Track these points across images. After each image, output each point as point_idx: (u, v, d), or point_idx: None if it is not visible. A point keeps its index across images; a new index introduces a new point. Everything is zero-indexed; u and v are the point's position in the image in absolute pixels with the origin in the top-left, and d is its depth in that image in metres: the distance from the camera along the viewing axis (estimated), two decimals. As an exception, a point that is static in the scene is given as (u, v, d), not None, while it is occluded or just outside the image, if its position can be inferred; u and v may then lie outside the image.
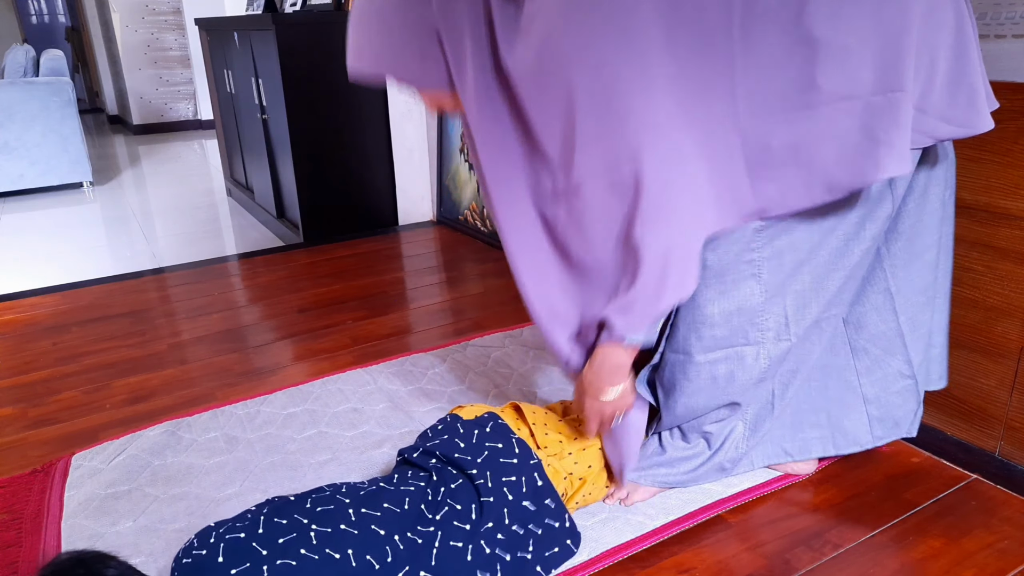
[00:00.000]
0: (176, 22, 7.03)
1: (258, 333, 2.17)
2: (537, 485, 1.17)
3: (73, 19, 9.21)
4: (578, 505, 1.29)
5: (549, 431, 1.29)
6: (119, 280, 2.69)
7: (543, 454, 1.24)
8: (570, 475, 1.26)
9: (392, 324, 2.20)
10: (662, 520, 1.28)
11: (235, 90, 3.63)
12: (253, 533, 1.01)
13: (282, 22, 2.83)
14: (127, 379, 1.91)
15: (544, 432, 1.29)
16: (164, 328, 2.23)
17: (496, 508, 1.12)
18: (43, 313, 2.38)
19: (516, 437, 1.22)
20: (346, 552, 1.01)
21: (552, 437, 1.28)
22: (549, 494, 1.18)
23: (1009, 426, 1.35)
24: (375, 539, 1.04)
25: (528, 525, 1.14)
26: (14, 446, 1.62)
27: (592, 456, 1.30)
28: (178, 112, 7.30)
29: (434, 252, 2.90)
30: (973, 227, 1.34)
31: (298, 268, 2.76)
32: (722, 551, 1.22)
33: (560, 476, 1.24)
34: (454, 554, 1.07)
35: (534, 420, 1.30)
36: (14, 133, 4.20)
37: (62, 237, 3.55)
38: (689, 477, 1.32)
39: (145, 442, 1.57)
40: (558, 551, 1.16)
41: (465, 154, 2.99)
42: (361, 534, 1.04)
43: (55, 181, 4.41)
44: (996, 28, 1.25)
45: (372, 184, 3.22)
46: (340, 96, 3.02)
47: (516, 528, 1.13)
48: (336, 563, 0.99)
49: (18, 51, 4.54)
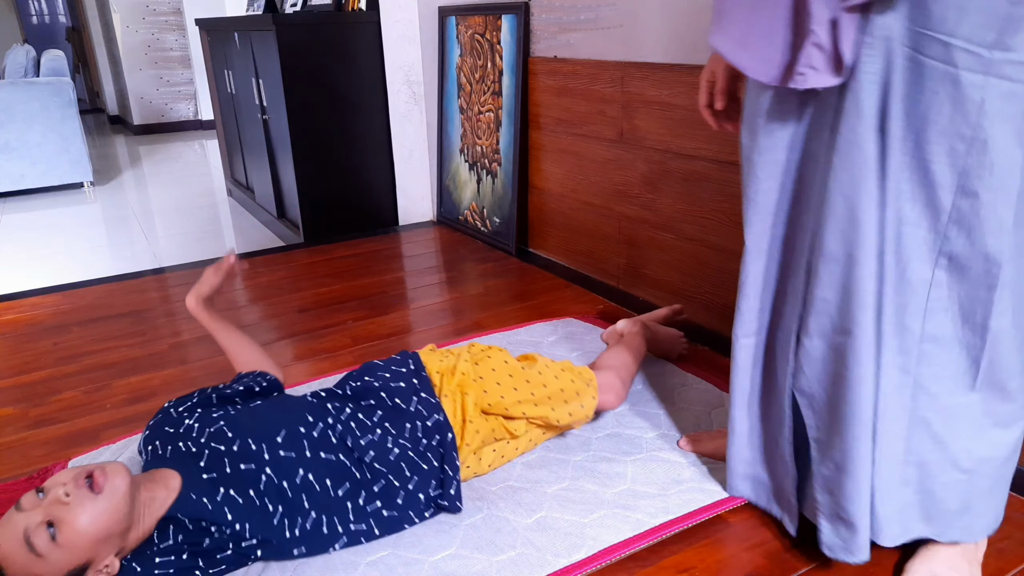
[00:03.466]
0: (176, 22, 7.03)
1: (259, 333, 2.17)
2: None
3: (74, 19, 9.21)
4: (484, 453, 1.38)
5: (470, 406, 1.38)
6: (120, 280, 2.69)
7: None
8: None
9: (392, 324, 2.20)
10: (662, 519, 1.28)
11: (235, 90, 3.63)
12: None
13: (282, 22, 2.84)
14: (128, 379, 1.91)
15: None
16: (165, 328, 2.23)
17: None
18: (44, 313, 2.39)
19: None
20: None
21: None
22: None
23: (1009, 426, 1.35)
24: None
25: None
26: (15, 446, 1.62)
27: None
28: (179, 112, 7.31)
29: (434, 252, 2.90)
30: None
31: (298, 268, 2.76)
32: (722, 551, 1.22)
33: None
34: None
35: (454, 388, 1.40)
36: (15, 133, 4.20)
37: (63, 237, 3.56)
38: None
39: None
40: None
41: (465, 154, 3.00)
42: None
43: (56, 181, 4.42)
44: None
45: (372, 184, 3.23)
46: (340, 96, 3.02)
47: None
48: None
49: (19, 51, 4.54)
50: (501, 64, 2.67)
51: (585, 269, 2.49)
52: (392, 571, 1.18)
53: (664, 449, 1.48)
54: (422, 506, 1.27)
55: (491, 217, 2.88)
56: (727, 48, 1.03)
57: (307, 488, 1.19)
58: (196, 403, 1.35)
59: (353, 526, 1.21)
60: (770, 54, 0.98)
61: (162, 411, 1.34)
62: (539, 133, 2.59)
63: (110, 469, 1.08)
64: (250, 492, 1.15)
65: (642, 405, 1.65)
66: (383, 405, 1.33)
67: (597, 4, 2.19)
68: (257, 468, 1.17)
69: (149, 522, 1.12)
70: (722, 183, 1.89)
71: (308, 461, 1.21)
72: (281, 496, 1.17)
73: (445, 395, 1.38)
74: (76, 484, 1.05)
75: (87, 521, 1.02)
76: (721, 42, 1.03)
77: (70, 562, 1.02)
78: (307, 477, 1.19)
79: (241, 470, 1.17)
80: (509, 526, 1.27)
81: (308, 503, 1.18)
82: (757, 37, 0.99)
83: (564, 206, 2.54)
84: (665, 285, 2.15)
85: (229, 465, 1.17)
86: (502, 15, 2.61)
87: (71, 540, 1.01)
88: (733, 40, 1.02)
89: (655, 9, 1.99)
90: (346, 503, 1.21)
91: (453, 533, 1.26)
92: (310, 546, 1.19)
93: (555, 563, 1.18)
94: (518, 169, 2.67)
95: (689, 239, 2.03)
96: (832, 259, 1.03)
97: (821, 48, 0.94)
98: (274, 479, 1.17)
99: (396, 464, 1.26)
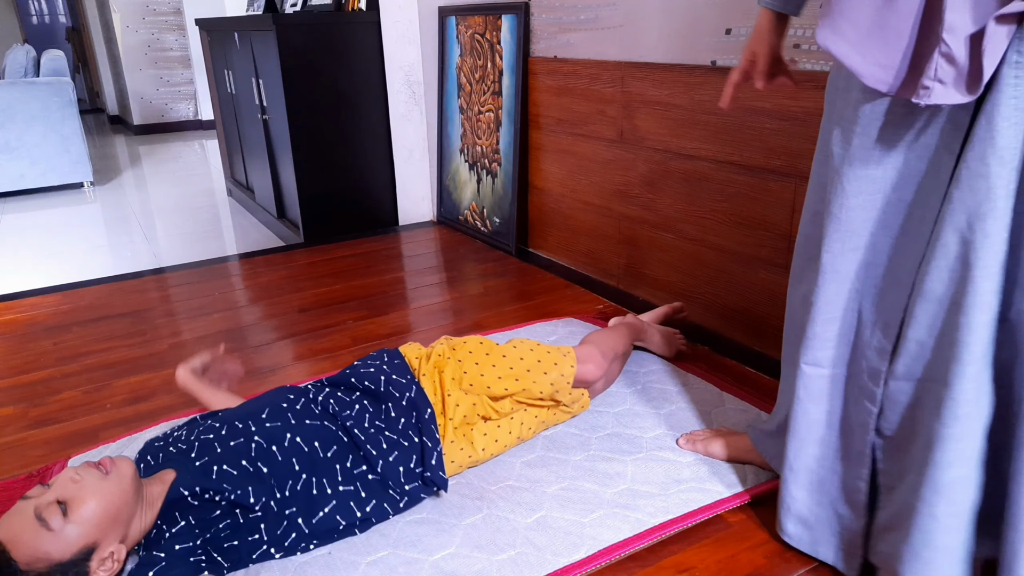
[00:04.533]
0: (176, 22, 7.03)
1: (259, 333, 2.17)
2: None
3: (74, 19, 9.21)
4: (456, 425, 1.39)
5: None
6: (120, 280, 2.69)
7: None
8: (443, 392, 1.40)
9: (392, 324, 2.20)
10: (662, 519, 1.28)
11: (235, 90, 3.63)
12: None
13: (282, 22, 2.84)
14: (128, 379, 1.91)
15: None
16: (165, 328, 2.23)
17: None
18: (44, 313, 2.39)
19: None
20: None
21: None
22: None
23: (1009, 426, 1.34)
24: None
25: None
26: (15, 446, 1.62)
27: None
28: (178, 112, 7.31)
29: (434, 252, 2.90)
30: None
31: (298, 268, 2.76)
32: (722, 551, 1.22)
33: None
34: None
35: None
36: (15, 133, 4.20)
37: (63, 237, 3.56)
38: None
39: (143, 443, 1.56)
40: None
41: (465, 154, 3.00)
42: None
43: (56, 181, 4.41)
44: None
45: (372, 184, 3.23)
46: (340, 96, 3.02)
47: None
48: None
49: (19, 51, 4.54)
50: (501, 64, 2.67)
51: (585, 269, 2.49)
52: (392, 571, 1.18)
53: (664, 449, 1.48)
54: (403, 478, 1.29)
55: (491, 217, 2.88)
56: (841, 49, 0.91)
57: (296, 451, 1.24)
58: (181, 425, 1.39)
59: (342, 487, 1.25)
60: (891, 59, 0.87)
61: (148, 441, 1.37)
62: (539, 133, 2.58)
63: (117, 457, 1.15)
64: (242, 462, 1.20)
65: (642, 405, 1.65)
66: (359, 387, 1.39)
67: (597, 4, 2.19)
68: (246, 440, 1.23)
69: (151, 515, 1.16)
70: (722, 183, 1.89)
71: (294, 427, 1.27)
72: (271, 459, 1.22)
73: (424, 374, 1.42)
74: (86, 468, 1.11)
75: (97, 498, 1.08)
76: (833, 41, 0.91)
77: (80, 538, 1.05)
78: (295, 440, 1.25)
79: (231, 446, 1.22)
80: (509, 526, 1.27)
81: (298, 465, 1.23)
82: (877, 39, 0.88)
83: (564, 206, 2.54)
84: (665, 285, 2.15)
85: (219, 446, 1.23)
86: (502, 15, 2.61)
87: (82, 515, 1.05)
88: (847, 40, 0.90)
89: (655, 9, 1.99)
90: (334, 465, 1.26)
91: (453, 533, 1.26)
92: (302, 507, 1.22)
93: (555, 562, 1.18)
94: (518, 169, 2.67)
95: (689, 239, 2.03)
96: (934, 300, 0.93)
97: (953, 61, 0.82)
98: (263, 444, 1.23)
99: (376, 438, 1.30)
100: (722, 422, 1.57)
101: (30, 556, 1.02)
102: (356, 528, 1.26)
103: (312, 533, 1.22)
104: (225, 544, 1.16)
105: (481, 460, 1.42)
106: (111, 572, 1.10)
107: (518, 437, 1.47)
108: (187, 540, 1.13)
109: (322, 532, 1.22)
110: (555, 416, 1.53)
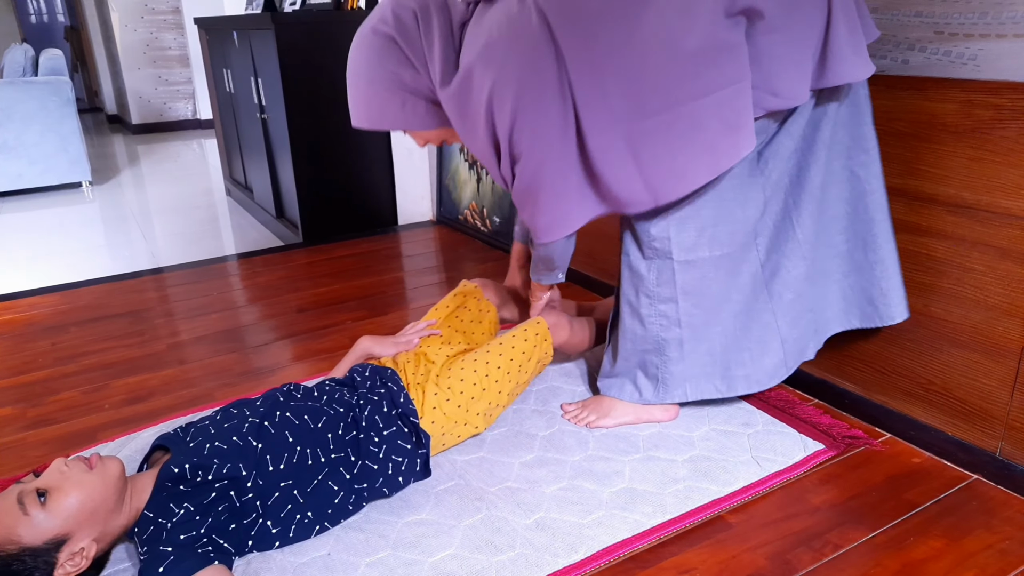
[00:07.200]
0: (175, 21, 7.02)
1: (257, 333, 2.17)
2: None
3: (72, 18, 9.20)
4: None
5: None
6: (118, 280, 2.69)
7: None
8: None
9: (392, 324, 2.19)
10: (660, 519, 1.27)
11: (234, 90, 3.62)
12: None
13: (281, 21, 2.83)
14: (126, 379, 1.90)
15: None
16: (163, 328, 2.23)
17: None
18: (42, 313, 2.38)
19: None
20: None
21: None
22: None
23: (1010, 426, 1.34)
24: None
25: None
26: (13, 446, 1.62)
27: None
28: (177, 112, 7.30)
29: (434, 252, 2.90)
30: (974, 227, 1.33)
31: (297, 268, 2.75)
32: (722, 551, 1.22)
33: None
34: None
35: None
36: (13, 133, 4.19)
37: (61, 237, 3.55)
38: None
39: (141, 443, 1.56)
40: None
41: (465, 153, 2.99)
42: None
43: (54, 181, 4.41)
44: (997, 28, 1.24)
45: (372, 184, 3.22)
46: (340, 96, 3.01)
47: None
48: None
49: (17, 50, 4.53)
50: (500, 63, 2.66)
51: (585, 269, 2.49)
52: (392, 572, 1.18)
53: (659, 447, 1.48)
54: (381, 423, 1.36)
55: (491, 216, 2.88)
56: (560, 232, 1.57)
57: (288, 424, 1.28)
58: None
59: (334, 455, 1.28)
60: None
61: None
62: (538, 133, 2.57)
63: (106, 456, 1.17)
64: (234, 438, 1.23)
65: (642, 405, 1.64)
66: (334, 382, 1.48)
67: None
68: (239, 420, 1.27)
69: (136, 504, 1.18)
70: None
71: (284, 405, 1.32)
72: (264, 434, 1.25)
73: (404, 361, 1.52)
74: (75, 461, 1.14)
75: (77, 491, 1.10)
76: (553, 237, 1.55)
77: (52, 528, 1.07)
78: (286, 415, 1.30)
79: (224, 427, 1.26)
80: (508, 526, 1.27)
81: (292, 437, 1.26)
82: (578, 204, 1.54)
83: (563, 206, 2.53)
84: (665, 285, 2.14)
85: (213, 427, 1.27)
86: (501, 14, 2.60)
87: (57, 506, 1.08)
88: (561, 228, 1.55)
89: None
90: (326, 434, 1.29)
91: (452, 534, 1.26)
92: (296, 478, 1.23)
93: (554, 563, 1.18)
94: (517, 169, 2.66)
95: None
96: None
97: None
98: (256, 421, 1.27)
99: (357, 403, 1.38)
100: (722, 421, 1.57)
101: (3, 538, 1.05)
102: (350, 504, 1.28)
103: (307, 504, 1.24)
104: (228, 527, 1.17)
105: (458, 404, 1.44)
106: (78, 568, 1.10)
107: (497, 381, 1.50)
108: (190, 529, 1.13)
109: (316, 503, 1.24)
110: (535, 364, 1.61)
